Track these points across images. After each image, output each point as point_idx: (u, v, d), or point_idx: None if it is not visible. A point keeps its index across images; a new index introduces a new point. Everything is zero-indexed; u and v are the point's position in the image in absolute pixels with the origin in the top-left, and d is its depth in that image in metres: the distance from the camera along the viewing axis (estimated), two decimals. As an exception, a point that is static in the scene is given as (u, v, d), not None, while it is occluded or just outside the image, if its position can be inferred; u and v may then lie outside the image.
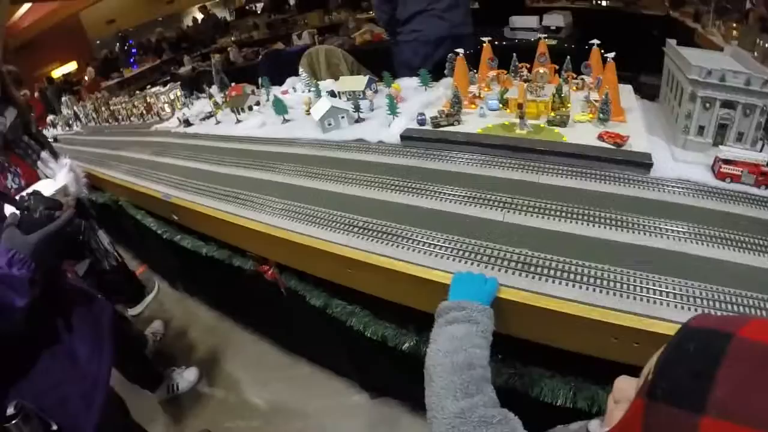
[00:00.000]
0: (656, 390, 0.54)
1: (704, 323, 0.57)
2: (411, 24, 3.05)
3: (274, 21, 7.63)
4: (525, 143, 1.71)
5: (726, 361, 0.49)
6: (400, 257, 1.34)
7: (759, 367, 0.47)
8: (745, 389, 0.47)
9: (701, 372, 0.50)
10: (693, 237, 1.29)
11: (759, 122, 1.55)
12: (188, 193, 2.08)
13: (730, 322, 0.54)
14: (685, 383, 0.52)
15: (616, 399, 0.67)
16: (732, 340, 0.51)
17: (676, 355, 0.55)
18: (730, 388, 0.48)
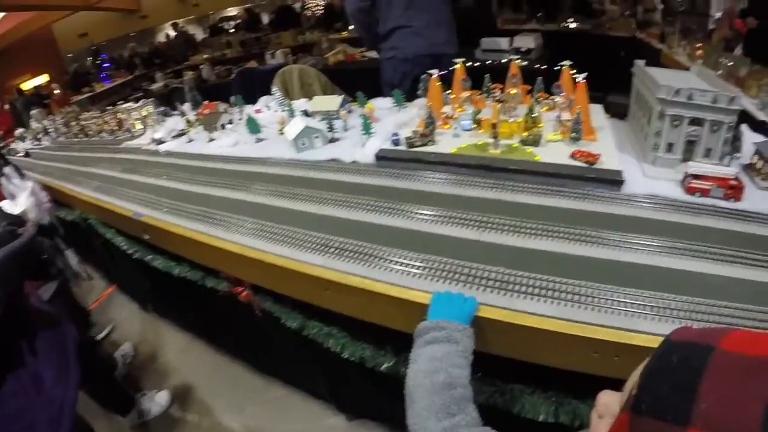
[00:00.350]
0: (640, 404, 0.54)
1: (685, 336, 0.57)
2: (390, 40, 3.05)
3: (247, 39, 7.66)
4: (499, 163, 1.74)
5: (708, 374, 0.49)
6: (377, 278, 1.33)
7: (740, 378, 0.48)
8: (728, 401, 0.47)
9: (684, 385, 0.50)
10: (666, 250, 1.32)
11: (726, 138, 1.61)
12: (160, 212, 2.03)
13: (711, 335, 0.55)
14: (668, 397, 0.51)
15: (599, 414, 0.66)
16: (713, 352, 0.51)
17: (658, 369, 0.55)
18: (713, 401, 0.47)
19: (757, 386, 0.46)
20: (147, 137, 3.11)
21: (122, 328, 3.30)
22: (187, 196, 2.13)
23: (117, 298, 3.63)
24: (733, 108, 1.56)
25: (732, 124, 1.59)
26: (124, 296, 3.57)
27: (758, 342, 0.51)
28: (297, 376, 2.33)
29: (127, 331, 3.26)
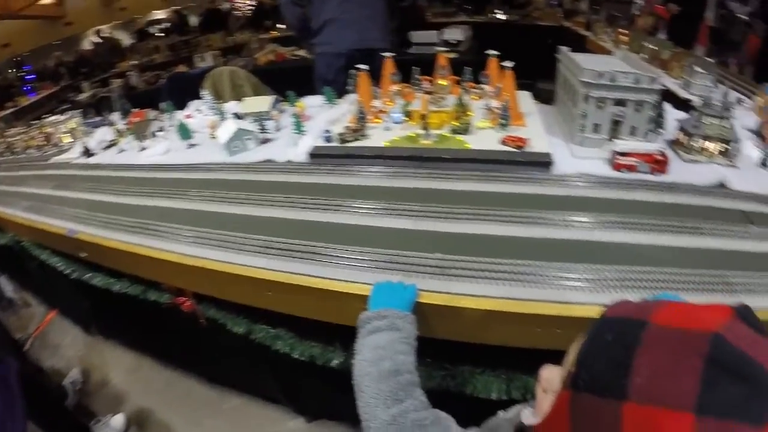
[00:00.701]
0: (579, 381, 0.56)
1: (619, 312, 0.59)
2: (322, 34, 3.02)
3: (175, 43, 7.38)
4: (431, 153, 1.77)
5: (642, 349, 0.51)
6: (318, 274, 1.33)
7: (673, 351, 0.50)
8: (662, 374, 0.49)
9: (619, 361, 0.52)
10: (598, 225, 1.40)
11: (649, 116, 1.72)
12: (94, 228, 1.93)
13: (644, 310, 0.56)
14: (605, 373, 0.53)
15: (543, 388, 0.69)
16: (646, 327, 0.53)
17: (594, 346, 0.57)
18: (648, 374, 0.49)
19: (689, 358, 0.48)
20: (76, 150, 2.94)
21: (67, 355, 3.12)
22: (122, 208, 2.04)
23: (59, 323, 3.41)
24: (655, 88, 1.66)
25: (654, 102, 1.70)
26: (66, 320, 3.37)
27: (689, 314, 0.53)
28: (251, 383, 2.29)
29: (73, 357, 3.08)
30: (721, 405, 0.46)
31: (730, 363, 0.47)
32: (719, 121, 1.70)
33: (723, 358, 0.47)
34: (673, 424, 0.46)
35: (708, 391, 0.46)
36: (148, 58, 7.13)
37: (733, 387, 0.46)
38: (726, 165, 1.69)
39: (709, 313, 0.53)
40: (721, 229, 1.39)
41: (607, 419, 0.51)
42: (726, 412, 0.45)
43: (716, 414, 0.45)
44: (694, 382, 0.47)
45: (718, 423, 0.45)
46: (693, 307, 0.56)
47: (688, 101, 2.39)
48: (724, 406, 0.45)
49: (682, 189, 1.59)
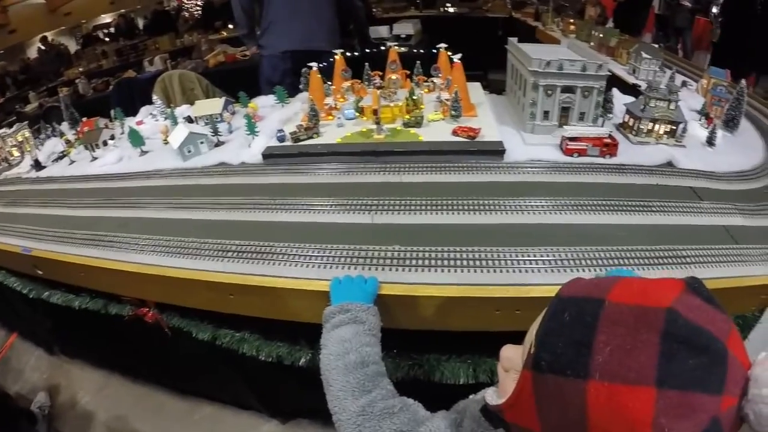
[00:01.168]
0: (540, 362, 0.56)
1: (575, 291, 0.60)
2: (268, 35, 3.00)
3: (123, 48, 7.14)
4: (384, 147, 1.79)
5: (600, 327, 0.52)
6: (279, 274, 1.32)
7: (631, 328, 0.51)
8: (622, 351, 0.50)
9: (579, 340, 0.53)
10: (552, 208, 1.45)
11: (597, 101, 1.78)
12: (49, 243, 1.86)
13: (599, 288, 0.57)
14: (565, 353, 0.54)
15: (505, 368, 0.70)
16: (603, 305, 0.54)
17: (553, 326, 0.58)
18: (608, 352, 0.50)
19: (647, 333, 0.50)
20: (26, 164, 2.82)
21: (32, 379, 2.99)
22: (76, 221, 1.97)
23: (20, 346, 3.27)
24: (602, 74, 1.73)
25: (602, 88, 1.76)
26: (27, 343, 3.23)
27: (644, 291, 0.55)
28: (222, 390, 2.26)
29: (38, 381, 2.96)
30: (681, 377, 0.47)
31: (686, 336, 0.49)
32: (665, 104, 1.78)
33: (678, 331, 0.49)
34: (636, 399, 0.47)
35: (667, 364, 0.48)
36: (95, 64, 6.87)
37: (690, 359, 0.48)
38: (673, 145, 1.78)
39: (663, 289, 0.54)
40: (670, 205, 1.47)
41: (572, 398, 0.52)
42: (685, 383, 0.47)
43: (676, 386, 0.47)
44: (652, 357, 0.48)
45: (678, 394, 0.47)
46: (646, 283, 0.57)
47: (636, 86, 2.49)
48: (683, 378, 0.47)
49: (631, 170, 1.66)
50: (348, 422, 0.86)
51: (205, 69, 4.95)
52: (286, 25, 2.92)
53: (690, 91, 2.47)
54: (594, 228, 1.37)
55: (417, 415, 0.86)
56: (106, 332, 2.12)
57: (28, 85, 6.70)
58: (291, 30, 2.93)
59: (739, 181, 1.63)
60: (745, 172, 1.68)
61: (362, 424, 0.85)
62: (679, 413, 0.47)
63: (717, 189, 1.57)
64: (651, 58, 2.59)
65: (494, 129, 1.82)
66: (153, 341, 1.88)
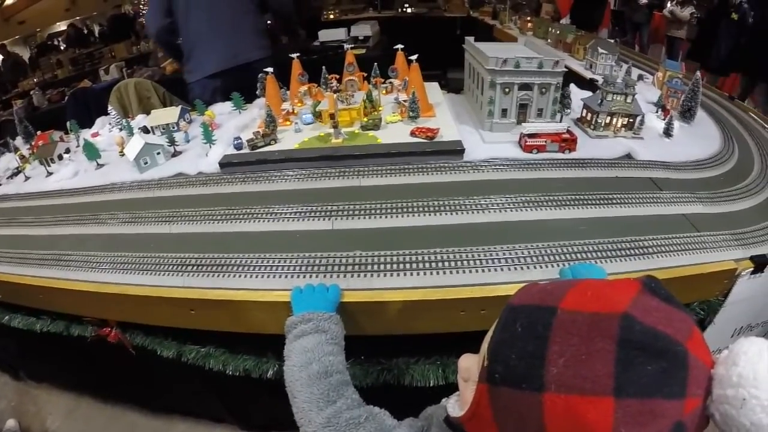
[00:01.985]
0: (494, 375, 0.55)
1: (526, 299, 0.58)
2: (193, 59, 2.89)
3: (78, 56, 6.91)
4: (342, 151, 1.78)
5: (554, 338, 0.51)
6: (240, 286, 1.30)
7: (585, 337, 0.50)
8: (577, 361, 0.49)
9: (532, 352, 0.52)
10: (512, 206, 1.47)
11: (555, 97, 1.81)
12: (5, 265, 1.79)
13: (551, 295, 0.56)
14: (519, 365, 0.53)
15: (464, 378, 0.69)
16: (556, 314, 0.53)
17: (504, 338, 0.56)
18: (563, 363, 0.49)
19: (602, 342, 0.48)
20: (-21, 182, 2.71)
21: (-1, 407, 2.88)
22: (33, 240, 1.90)
23: (-17, 373, 3.15)
24: (558, 70, 1.75)
25: (559, 84, 1.79)
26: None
27: (597, 296, 0.53)
28: (194, 406, 2.22)
29: (5, 408, 2.85)
30: (640, 384, 0.46)
31: (642, 341, 0.48)
32: (622, 97, 1.82)
33: (634, 337, 0.48)
34: (594, 410, 0.46)
35: (624, 372, 0.47)
36: (50, 74, 6.64)
37: (648, 365, 0.47)
38: (631, 137, 1.82)
39: (617, 293, 0.53)
40: (631, 197, 1.50)
41: (529, 411, 0.51)
42: (645, 390, 0.46)
43: (635, 394, 0.46)
44: (609, 365, 0.47)
45: (638, 402, 0.46)
46: (600, 287, 0.55)
47: (593, 80, 2.54)
48: (642, 385, 0.46)
49: (591, 163, 1.69)
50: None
51: (162, 76, 4.80)
52: (208, 46, 2.81)
53: (646, 83, 2.54)
54: (556, 223, 1.40)
55: (383, 424, 0.86)
56: (71, 354, 2.07)
57: (-19, 99, 6.44)
58: (214, 50, 2.81)
59: (698, 170, 1.68)
60: (702, 161, 1.73)
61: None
62: (639, 421, 0.46)
63: (676, 179, 1.62)
64: (607, 53, 2.65)
65: (453, 128, 1.83)
66: (119, 361, 1.82)
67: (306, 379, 0.93)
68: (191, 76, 2.94)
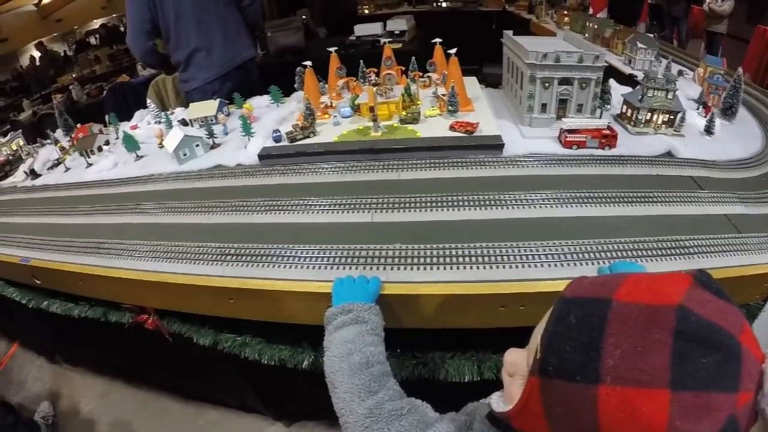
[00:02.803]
0: (547, 367, 0.55)
1: (579, 292, 0.58)
2: (190, 69, 2.93)
3: (115, 52, 7.13)
4: (382, 144, 1.77)
5: (609, 329, 0.50)
6: (279, 277, 1.31)
7: (641, 329, 0.49)
8: (633, 353, 0.48)
9: (588, 344, 0.51)
10: (552, 202, 1.44)
11: (595, 93, 1.77)
12: (47, 252, 1.84)
13: (605, 287, 0.55)
14: (574, 357, 0.52)
15: (509, 373, 0.68)
16: (610, 306, 0.52)
17: (559, 330, 0.55)
18: (619, 355, 0.49)
19: (658, 333, 0.48)
20: (20, 173, 2.80)
21: (34, 388, 2.98)
22: (73, 229, 1.95)
23: (21, 356, 3.26)
24: (599, 65, 1.71)
25: (599, 79, 1.75)
26: (28, 352, 3.22)
27: (651, 288, 0.53)
28: (225, 394, 2.25)
29: (40, 390, 2.95)
30: (695, 377, 0.46)
31: (698, 334, 0.47)
32: (663, 94, 1.76)
33: (690, 329, 0.47)
34: (650, 403, 0.46)
35: (680, 365, 0.46)
36: (88, 70, 6.85)
37: (704, 357, 0.46)
38: (672, 135, 1.76)
39: (671, 285, 0.52)
40: (672, 195, 1.45)
41: (582, 404, 0.50)
42: (700, 383, 0.46)
43: (691, 387, 0.46)
44: (665, 357, 0.47)
45: (694, 395, 0.45)
46: (654, 279, 0.55)
47: (633, 76, 2.48)
48: (698, 378, 0.46)
49: (631, 160, 1.64)
50: (355, 424, 0.84)
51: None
52: (203, 53, 2.85)
53: (687, 80, 2.46)
54: (596, 220, 1.36)
55: (425, 417, 0.85)
56: (107, 339, 2.11)
57: (22, 93, 6.68)
58: (212, 55, 2.85)
59: (739, 170, 1.62)
60: (744, 160, 1.67)
61: (370, 426, 0.83)
62: (695, 415, 0.45)
63: (717, 178, 1.56)
64: (647, 48, 2.57)
65: (492, 123, 1.81)
66: (155, 347, 1.86)
67: (347, 370, 0.92)
68: (189, 84, 2.98)
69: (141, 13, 2.72)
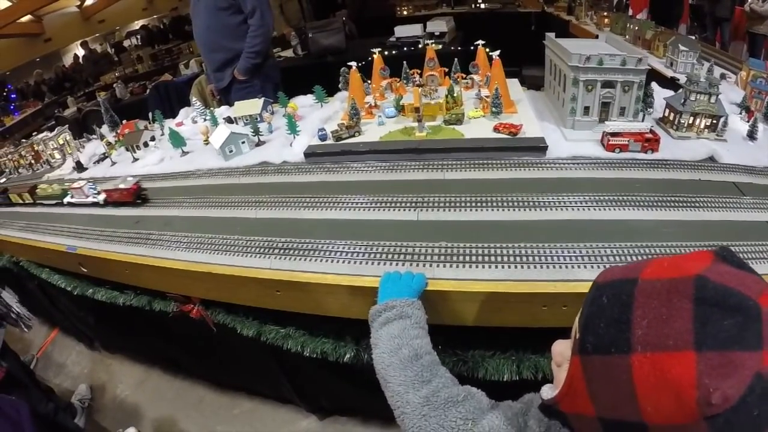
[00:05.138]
0: (586, 345, 0.59)
1: (610, 277, 0.63)
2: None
3: (157, 52, 7.38)
4: (426, 144, 1.78)
5: (636, 303, 0.55)
6: (325, 271, 1.34)
7: (664, 300, 0.53)
8: (659, 321, 0.52)
9: (618, 318, 0.56)
10: (594, 204, 1.43)
11: (638, 96, 1.75)
12: (94, 242, 1.92)
13: (632, 269, 0.60)
14: (608, 332, 0.57)
15: (557, 363, 0.71)
16: (637, 283, 0.57)
17: (593, 310, 0.60)
18: (646, 325, 0.53)
19: (679, 302, 0.52)
20: (68, 166, 2.92)
21: (72, 373, 3.10)
22: (120, 220, 2.02)
23: (61, 341, 3.38)
24: (642, 68, 1.69)
25: (642, 82, 1.73)
26: (68, 338, 3.34)
27: (673, 265, 0.57)
28: (261, 385, 2.30)
29: (78, 375, 3.06)
30: (718, 338, 0.49)
31: (716, 298, 0.51)
32: (706, 97, 1.73)
33: (708, 294, 0.51)
34: (678, 364, 0.50)
35: (702, 328, 0.50)
36: (131, 69, 7.09)
37: (725, 319, 0.50)
38: (714, 139, 1.73)
39: (691, 261, 0.57)
40: (714, 201, 1.43)
41: (619, 374, 0.54)
42: (724, 343, 0.49)
43: (715, 347, 0.49)
44: (688, 322, 0.50)
45: (718, 354, 0.48)
46: (676, 258, 0.60)
47: (675, 79, 2.42)
48: (720, 338, 0.49)
49: (673, 165, 1.62)
50: (413, 414, 0.86)
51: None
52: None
53: (729, 83, 2.40)
54: (638, 224, 1.35)
55: (481, 404, 0.86)
56: (148, 327, 2.18)
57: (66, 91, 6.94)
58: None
59: None
60: None
61: (428, 414, 0.85)
62: (721, 373, 0.48)
63: (760, 184, 1.53)
64: (689, 51, 2.52)
65: (535, 125, 1.80)
66: (196, 336, 1.92)
67: (398, 364, 0.94)
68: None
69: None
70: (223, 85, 3.23)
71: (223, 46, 3.11)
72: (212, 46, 3.15)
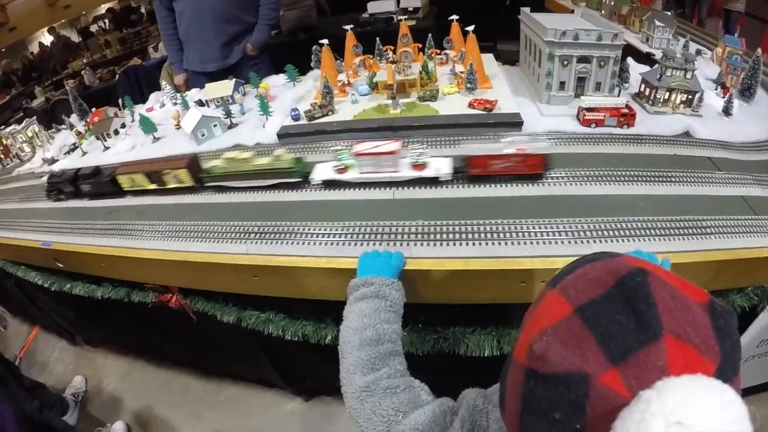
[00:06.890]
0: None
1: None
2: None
3: (126, 36, 7.14)
4: (401, 121, 1.77)
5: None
6: (302, 254, 1.33)
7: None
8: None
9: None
10: (571, 180, 1.44)
11: (613, 71, 1.75)
12: (68, 236, 1.87)
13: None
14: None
15: None
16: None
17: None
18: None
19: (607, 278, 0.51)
20: (38, 159, 2.83)
21: (57, 370, 3.05)
22: (93, 212, 1.98)
23: (43, 339, 3.32)
24: (617, 43, 1.69)
25: (618, 58, 1.73)
26: (49, 335, 3.29)
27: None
28: (246, 370, 2.30)
29: (62, 372, 3.02)
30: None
31: (632, 294, 0.48)
32: (681, 73, 1.74)
33: (630, 284, 0.49)
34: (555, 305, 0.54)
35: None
36: (99, 55, 6.86)
37: (620, 316, 0.47)
38: (690, 115, 1.75)
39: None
40: (689, 175, 1.45)
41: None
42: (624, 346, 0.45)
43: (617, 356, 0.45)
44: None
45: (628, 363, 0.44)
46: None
47: (650, 55, 2.43)
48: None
49: (649, 140, 1.63)
50: (353, 395, 0.89)
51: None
52: None
53: (705, 59, 2.42)
54: (614, 199, 1.36)
55: (418, 398, 0.88)
56: (129, 319, 2.15)
57: (34, 80, 6.70)
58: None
59: (757, 152, 1.61)
60: (762, 142, 1.65)
61: (365, 398, 0.87)
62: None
63: (734, 159, 1.55)
64: (665, 26, 2.52)
65: (511, 101, 1.80)
66: (177, 326, 1.90)
67: (357, 343, 0.95)
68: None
69: None
70: (230, 62, 3.02)
71: (239, 18, 2.93)
72: (227, 16, 2.90)
